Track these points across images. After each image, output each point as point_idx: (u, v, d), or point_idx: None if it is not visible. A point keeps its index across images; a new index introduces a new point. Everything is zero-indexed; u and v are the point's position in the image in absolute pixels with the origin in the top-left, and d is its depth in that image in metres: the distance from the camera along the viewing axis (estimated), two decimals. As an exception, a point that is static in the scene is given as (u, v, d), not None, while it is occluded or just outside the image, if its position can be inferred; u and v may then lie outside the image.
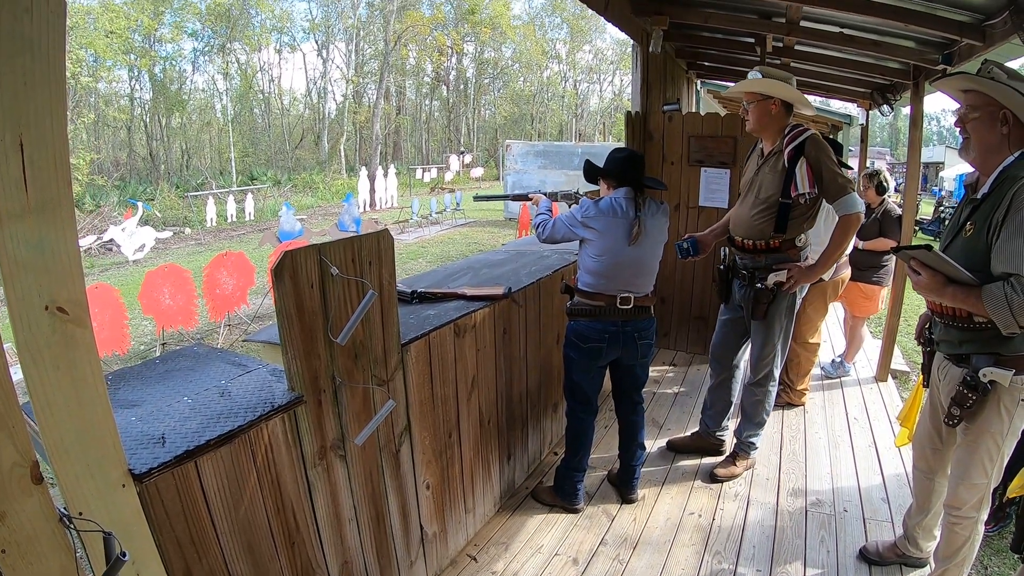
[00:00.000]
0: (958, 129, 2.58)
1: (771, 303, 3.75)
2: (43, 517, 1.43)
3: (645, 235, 3.44)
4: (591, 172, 3.66)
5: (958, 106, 2.60)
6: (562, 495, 3.88)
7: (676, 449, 4.56)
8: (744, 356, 4.26)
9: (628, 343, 3.61)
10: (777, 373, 4.05)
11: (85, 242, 17.39)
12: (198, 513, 1.89)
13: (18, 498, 1.38)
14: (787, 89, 3.60)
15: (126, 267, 16.15)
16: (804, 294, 4.06)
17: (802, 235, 3.72)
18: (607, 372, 3.82)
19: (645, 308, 3.61)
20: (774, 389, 4.11)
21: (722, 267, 4.03)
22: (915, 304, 9.02)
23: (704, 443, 4.48)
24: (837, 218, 3.59)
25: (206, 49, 39.20)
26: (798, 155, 3.48)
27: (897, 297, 5.67)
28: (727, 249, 4.04)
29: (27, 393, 1.43)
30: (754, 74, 3.66)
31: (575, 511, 3.88)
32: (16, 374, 1.38)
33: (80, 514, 1.51)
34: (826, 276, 4.49)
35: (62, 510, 1.48)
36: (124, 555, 1.43)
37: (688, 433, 4.67)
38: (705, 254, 4.13)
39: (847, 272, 5.09)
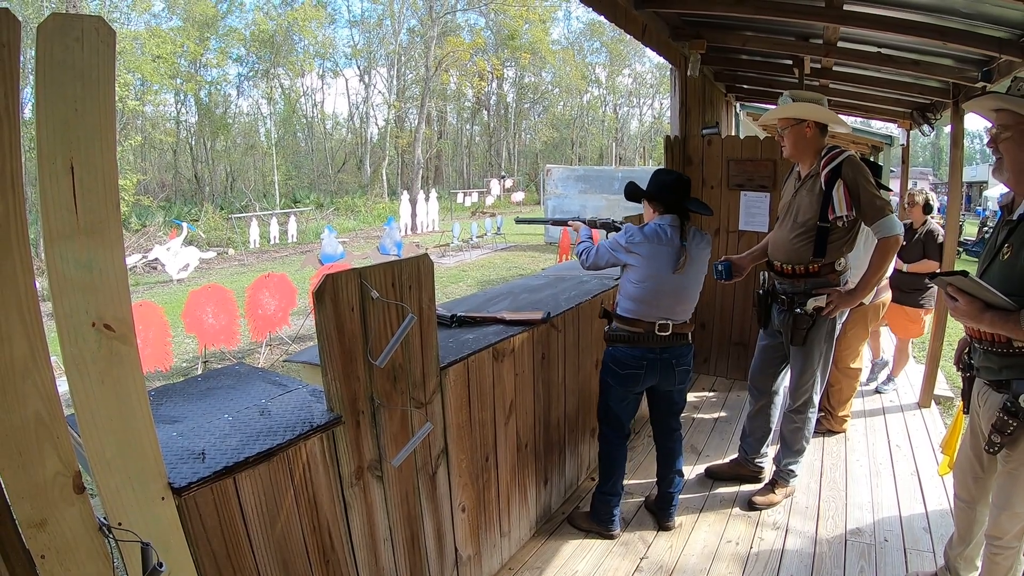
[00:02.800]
0: (991, 149, 2.55)
1: (810, 328, 3.70)
2: (83, 525, 1.46)
3: (690, 263, 3.43)
4: (634, 193, 3.61)
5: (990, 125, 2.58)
6: (597, 520, 3.85)
7: (714, 476, 4.49)
8: (783, 382, 4.19)
9: (666, 370, 3.58)
10: (817, 399, 3.99)
11: (130, 261, 17.74)
12: (235, 528, 1.91)
13: (60, 506, 1.41)
14: (820, 111, 3.59)
15: (170, 286, 16.44)
16: (844, 319, 4.01)
17: (841, 259, 3.67)
18: (643, 398, 3.80)
19: (683, 335, 3.58)
20: (814, 416, 4.05)
21: (761, 292, 3.99)
22: (958, 329, 8.83)
23: (743, 470, 4.42)
24: (876, 241, 3.55)
25: (250, 74, 39.99)
26: (835, 177, 3.45)
27: (940, 322, 5.57)
28: (766, 274, 4.01)
29: (71, 405, 1.46)
30: (784, 99, 3.66)
31: (611, 537, 3.84)
32: (61, 386, 1.42)
33: (119, 524, 1.54)
34: (866, 300, 4.43)
35: (102, 519, 1.51)
36: (161, 566, 1.46)
37: (727, 460, 4.62)
38: (740, 277, 4.13)
39: (887, 295, 5.03)
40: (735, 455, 4.55)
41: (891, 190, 4.08)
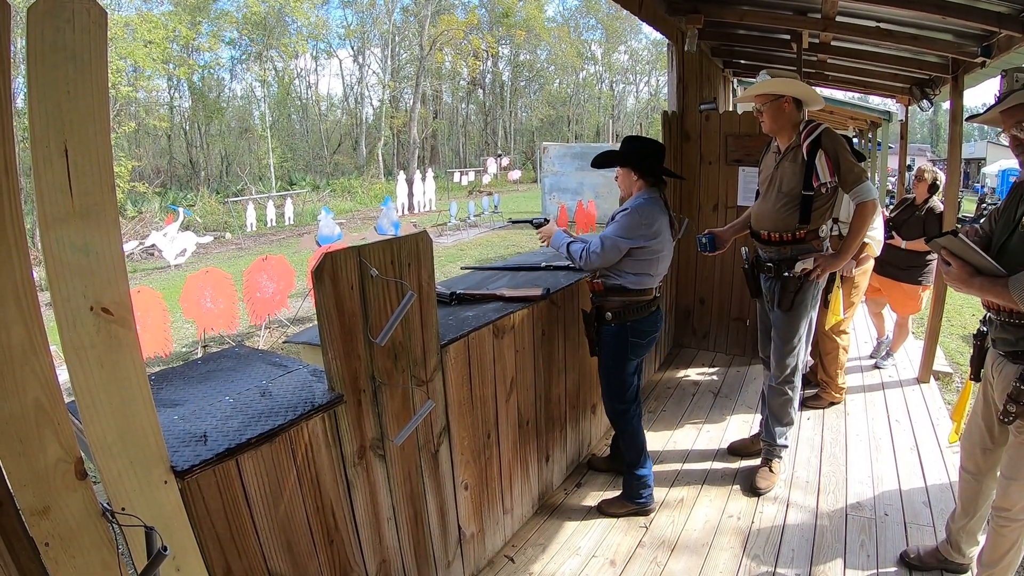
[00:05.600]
0: (1017, 155, 2.55)
1: (798, 292, 3.78)
2: (86, 512, 1.46)
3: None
4: (608, 161, 3.61)
5: (1001, 130, 2.59)
6: (634, 499, 3.84)
7: (737, 452, 4.50)
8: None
9: (661, 322, 3.76)
10: (801, 368, 4.04)
11: (127, 247, 17.73)
12: (238, 510, 1.91)
13: (62, 493, 1.41)
14: (798, 86, 3.70)
15: (168, 271, 16.41)
16: (824, 286, 4.03)
17: (823, 226, 3.78)
18: None
19: None
20: (799, 384, 4.09)
21: (746, 266, 4.06)
22: (957, 304, 8.87)
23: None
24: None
25: (243, 57, 39.67)
26: (816, 147, 3.57)
27: (939, 297, 5.56)
28: (746, 249, 4.13)
29: (72, 393, 1.46)
30: (763, 76, 3.75)
31: (649, 512, 3.86)
32: (61, 375, 1.41)
33: (123, 509, 1.54)
34: (844, 272, 4.67)
35: (105, 505, 1.51)
36: (165, 549, 1.46)
37: (748, 436, 4.61)
38: (723, 250, 4.22)
39: (867, 267, 5.04)
40: (733, 428, 4.54)
41: (865, 158, 4.16)
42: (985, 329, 2.74)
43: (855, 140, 9.12)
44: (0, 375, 1.31)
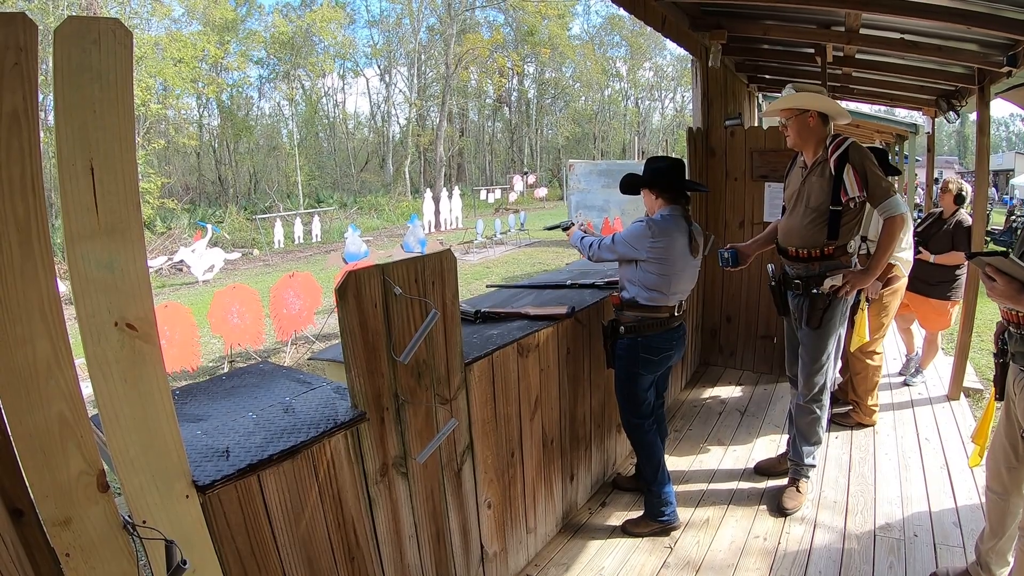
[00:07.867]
0: None
1: (827, 309, 3.74)
2: (107, 524, 1.48)
3: (697, 246, 3.58)
4: (633, 184, 3.67)
5: None
6: (657, 517, 3.80)
7: (764, 472, 4.44)
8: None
9: (680, 342, 3.72)
10: (829, 386, 3.99)
11: (156, 263, 17.97)
12: (259, 526, 1.92)
13: (84, 505, 1.43)
14: (822, 100, 3.66)
15: (196, 287, 16.55)
16: (853, 302, 4.00)
17: (852, 241, 3.73)
18: None
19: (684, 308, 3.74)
20: (828, 402, 4.04)
21: (773, 283, 4.03)
22: (987, 318, 8.75)
23: None
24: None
25: (271, 76, 40.17)
26: (843, 162, 3.53)
27: (969, 313, 5.47)
28: (772, 266, 4.09)
29: (96, 406, 1.47)
30: (788, 90, 3.75)
31: (675, 528, 3.82)
32: (86, 389, 1.43)
33: (144, 522, 1.55)
34: (872, 294, 4.65)
35: (126, 518, 1.52)
36: (185, 563, 1.46)
37: (776, 455, 4.56)
38: (745, 265, 4.21)
39: (899, 284, 4.96)
40: (760, 447, 4.50)
41: (900, 172, 4.13)
42: (1007, 346, 2.69)
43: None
44: (25, 388, 1.32)
